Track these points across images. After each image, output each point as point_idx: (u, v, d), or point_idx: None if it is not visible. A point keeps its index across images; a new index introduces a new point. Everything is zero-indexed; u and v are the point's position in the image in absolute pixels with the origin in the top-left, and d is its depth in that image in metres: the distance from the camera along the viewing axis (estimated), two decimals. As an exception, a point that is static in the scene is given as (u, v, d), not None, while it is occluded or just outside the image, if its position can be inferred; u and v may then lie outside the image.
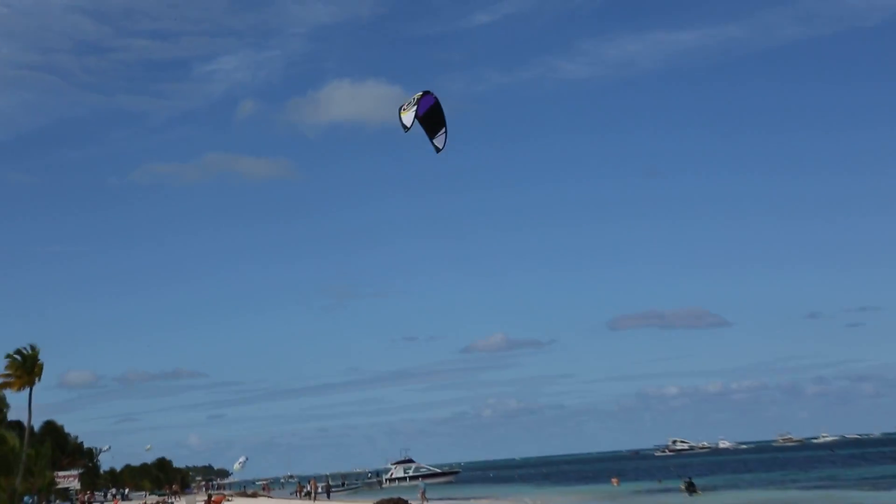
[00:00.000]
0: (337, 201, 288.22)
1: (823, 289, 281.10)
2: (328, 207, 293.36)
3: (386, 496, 74.39)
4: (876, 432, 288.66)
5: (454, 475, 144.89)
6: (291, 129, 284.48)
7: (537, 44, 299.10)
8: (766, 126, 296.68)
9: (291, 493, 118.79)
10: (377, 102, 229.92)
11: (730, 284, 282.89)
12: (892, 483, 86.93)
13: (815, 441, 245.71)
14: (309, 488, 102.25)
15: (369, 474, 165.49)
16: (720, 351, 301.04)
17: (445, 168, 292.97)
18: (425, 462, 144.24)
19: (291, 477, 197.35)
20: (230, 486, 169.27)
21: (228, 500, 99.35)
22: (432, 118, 38.70)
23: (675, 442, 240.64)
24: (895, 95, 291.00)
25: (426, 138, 39.41)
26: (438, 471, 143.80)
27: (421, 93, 38.17)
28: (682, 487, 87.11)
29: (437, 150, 38.35)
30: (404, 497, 70.06)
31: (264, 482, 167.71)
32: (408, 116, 37.97)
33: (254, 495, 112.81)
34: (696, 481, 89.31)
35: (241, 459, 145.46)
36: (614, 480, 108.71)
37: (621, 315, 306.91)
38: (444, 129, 38.52)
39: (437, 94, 39.11)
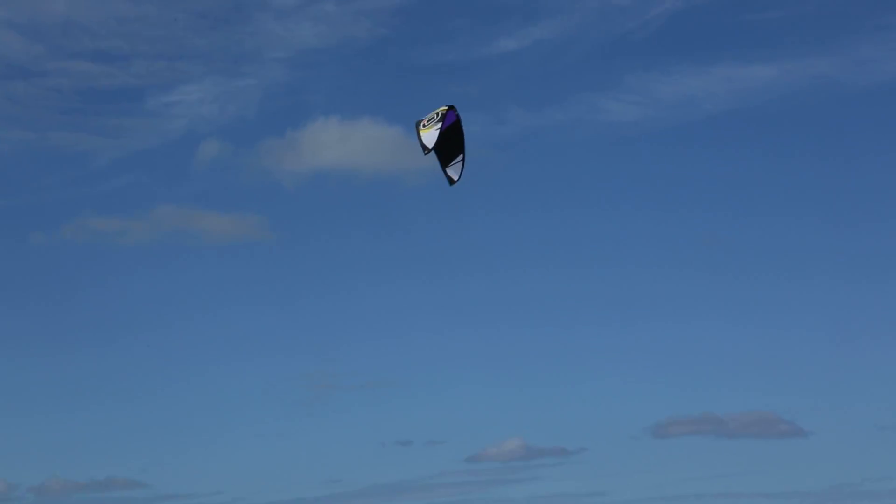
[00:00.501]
0: (319, 268, 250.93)
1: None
2: (307, 276, 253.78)
3: None
4: None
5: None
6: (265, 178, 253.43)
7: (575, 77, 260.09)
8: (860, 185, 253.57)
9: None
10: (373, 146, 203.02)
11: (806, 384, 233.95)
12: None
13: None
14: None
15: None
16: (794, 467, 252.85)
17: (457, 229, 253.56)
18: None
19: None
20: None
21: None
22: (450, 141, 33.68)
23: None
24: None
25: (439, 179, 33.98)
26: None
27: (446, 107, 33.41)
28: None
29: (451, 181, 33.88)
30: None
31: None
32: (429, 135, 33.01)
33: None
34: None
35: None
36: None
37: (668, 419, 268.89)
38: (461, 157, 33.98)
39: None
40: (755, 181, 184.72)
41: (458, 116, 33.36)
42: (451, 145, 33.61)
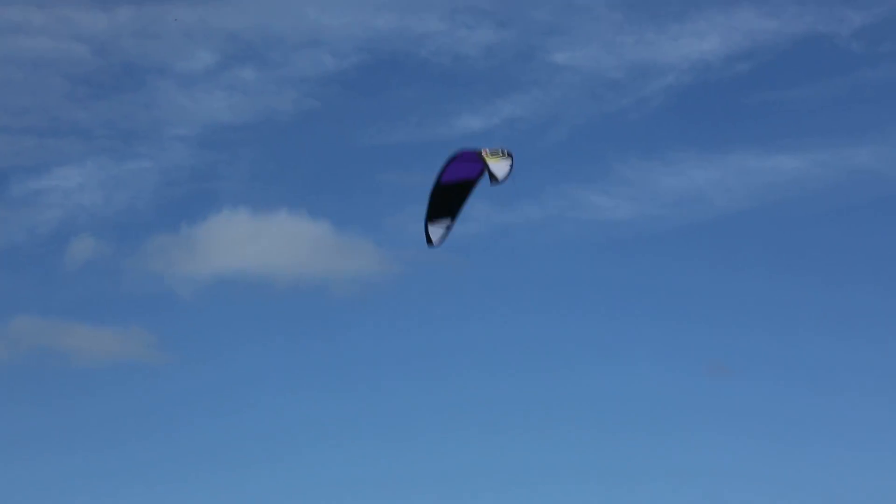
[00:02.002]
0: (224, 401, 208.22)
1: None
2: (210, 410, 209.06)
3: None
4: None
5: None
6: (155, 285, 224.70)
7: (554, 164, 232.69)
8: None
9: None
10: (292, 246, 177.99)
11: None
12: None
13: None
14: None
15: None
16: None
17: (400, 351, 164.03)
18: None
19: None
20: None
21: None
22: (458, 195, 30.52)
23: None
24: None
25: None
26: None
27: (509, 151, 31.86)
28: None
29: (430, 242, 32.25)
30: None
31: None
32: (499, 167, 30.85)
33: None
34: None
35: None
36: None
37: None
38: (451, 222, 32.23)
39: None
40: (776, 290, 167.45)
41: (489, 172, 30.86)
42: (453, 200, 31.01)
